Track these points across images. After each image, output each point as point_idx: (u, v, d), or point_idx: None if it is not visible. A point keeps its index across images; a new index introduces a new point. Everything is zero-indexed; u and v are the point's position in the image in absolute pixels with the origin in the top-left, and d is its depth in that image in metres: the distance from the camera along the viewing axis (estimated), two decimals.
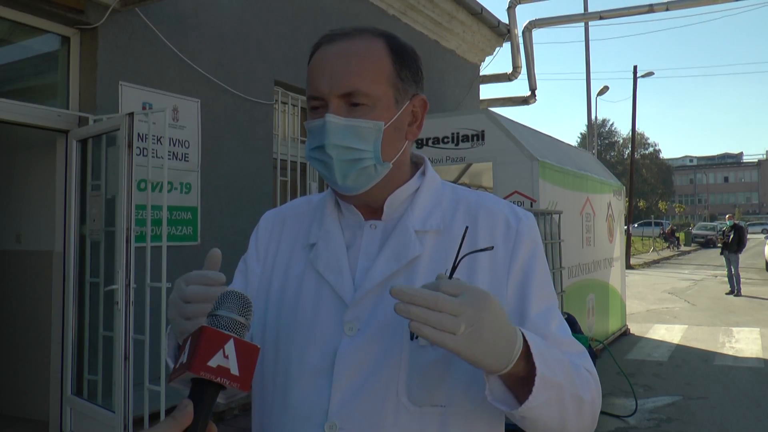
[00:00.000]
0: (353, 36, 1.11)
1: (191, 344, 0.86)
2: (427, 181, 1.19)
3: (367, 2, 7.52)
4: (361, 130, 1.08)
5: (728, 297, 14.44)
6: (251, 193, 5.89)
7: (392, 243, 1.12)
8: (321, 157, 1.10)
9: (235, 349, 0.86)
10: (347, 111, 1.08)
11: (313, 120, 1.10)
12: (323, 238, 1.17)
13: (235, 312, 0.90)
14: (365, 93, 1.07)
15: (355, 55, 1.09)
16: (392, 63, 1.11)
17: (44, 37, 4.77)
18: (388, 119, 1.10)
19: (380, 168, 1.11)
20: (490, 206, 1.17)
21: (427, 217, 1.14)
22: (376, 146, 1.09)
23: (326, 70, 1.09)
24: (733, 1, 9.61)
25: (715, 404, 6.12)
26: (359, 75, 1.08)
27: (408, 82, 1.13)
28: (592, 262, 8.15)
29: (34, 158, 5.30)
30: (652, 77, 28.36)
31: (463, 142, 6.72)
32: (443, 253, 1.11)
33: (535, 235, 1.15)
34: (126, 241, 4.03)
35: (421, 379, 1.04)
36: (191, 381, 0.86)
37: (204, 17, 5.52)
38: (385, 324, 1.06)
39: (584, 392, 1.02)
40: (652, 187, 67.80)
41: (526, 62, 10.72)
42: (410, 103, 1.14)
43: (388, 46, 1.12)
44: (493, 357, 0.90)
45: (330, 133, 1.07)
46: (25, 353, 5.23)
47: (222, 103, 5.68)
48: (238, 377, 0.85)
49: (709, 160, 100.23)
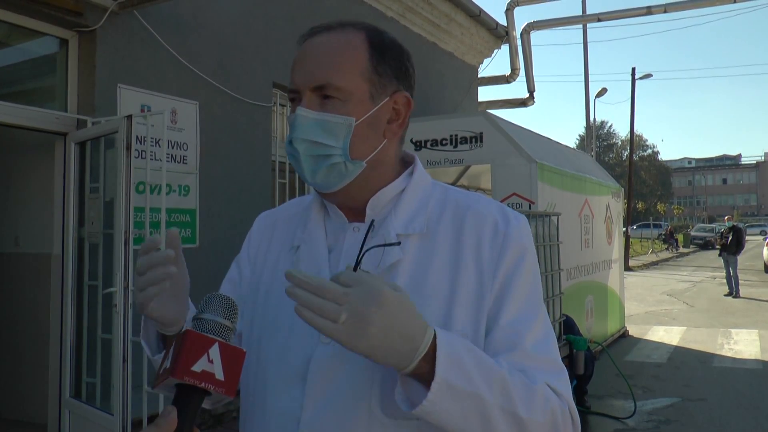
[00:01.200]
0: (334, 29, 1.09)
1: (175, 348, 0.83)
2: (414, 181, 1.14)
3: (365, 4, 7.54)
4: (329, 125, 1.04)
5: (727, 299, 14.45)
6: (250, 196, 5.88)
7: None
8: (292, 152, 1.08)
9: (220, 354, 0.83)
10: (319, 105, 1.05)
11: (291, 114, 1.08)
12: (306, 241, 1.14)
13: (220, 315, 0.87)
14: (336, 86, 1.04)
15: (331, 48, 1.06)
16: (369, 57, 1.07)
17: (42, 39, 4.77)
18: (360, 115, 1.06)
19: (351, 166, 1.07)
20: (479, 208, 1.11)
21: (411, 220, 1.09)
22: (345, 143, 1.05)
23: (303, 62, 1.07)
24: (731, 3, 9.62)
25: (713, 406, 6.12)
26: (331, 68, 1.05)
27: (387, 78, 1.09)
28: (591, 263, 8.16)
29: (32, 161, 5.30)
30: (650, 79, 28.44)
31: (461, 144, 6.73)
32: (427, 257, 1.07)
33: (524, 239, 1.09)
34: (124, 243, 4.03)
35: (395, 389, 0.99)
36: (175, 387, 0.83)
37: (202, 20, 5.52)
38: None
39: (525, 410, 0.93)
40: (651, 188, 67.89)
41: (524, 64, 10.73)
42: (390, 100, 1.09)
43: (368, 39, 1.08)
44: (385, 354, 0.86)
45: (299, 127, 1.05)
46: (24, 356, 5.23)
47: (220, 106, 5.68)
48: (223, 382, 0.82)
49: (707, 162, 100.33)
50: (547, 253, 5.78)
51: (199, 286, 4.44)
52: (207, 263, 5.29)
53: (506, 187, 6.40)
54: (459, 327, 1.02)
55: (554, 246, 5.97)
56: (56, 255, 4.84)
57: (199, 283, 5.21)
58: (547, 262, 5.76)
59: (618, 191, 10.01)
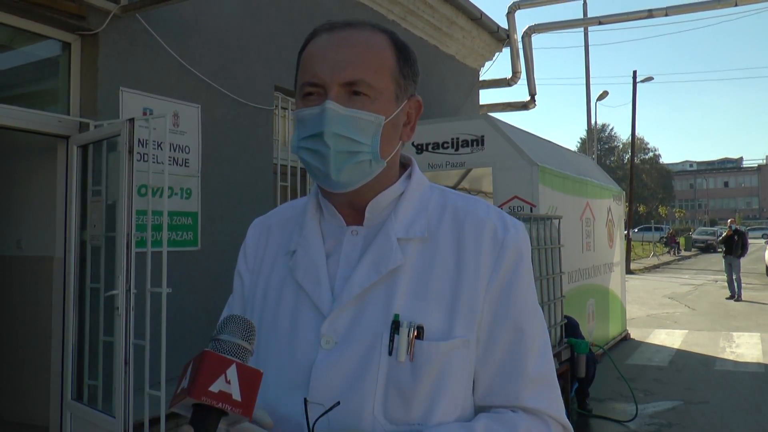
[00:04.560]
0: (356, 26, 1.08)
1: (193, 369, 0.84)
2: (413, 184, 1.13)
3: (367, 8, 7.55)
4: (361, 122, 1.02)
5: (729, 302, 14.44)
6: (251, 199, 5.89)
7: (373, 251, 1.06)
8: (316, 147, 1.03)
9: (237, 375, 0.83)
10: (347, 100, 1.02)
11: (307, 107, 1.04)
12: (303, 245, 1.11)
13: (238, 336, 0.87)
14: (369, 84, 1.02)
15: (360, 45, 1.04)
16: (396, 59, 1.07)
17: (45, 43, 4.78)
18: (387, 114, 1.05)
19: (375, 165, 1.05)
20: (479, 214, 1.10)
21: (411, 224, 1.08)
22: (375, 141, 1.04)
23: (328, 56, 1.03)
24: (732, 7, 9.63)
25: (715, 409, 6.11)
26: (365, 64, 1.03)
27: (408, 80, 1.10)
28: (592, 267, 8.15)
29: (34, 164, 5.31)
30: (651, 82, 28.43)
31: (462, 147, 6.73)
32: (428, 263, 1.06)
33: (521, 246, 1.09)
34: (126, 246, 4.03)
35: (397, 396, 1.00)
36: (192, 407, 0.83)
37: (204, 23, 5.53)
38: (362, 338, 1.02)
39: None
40: (652, 191, 67.82)
41: (525, 67, 10.74)
42: (407, 103, 1.10)
43: (392, 41, 1.09)
44: None
45: (330, 121, 1.00)
46: (26, 358, 5.23)
47: (222, 109, 5.69)
48: (240, 403, 0.83)
49: (709, 165, 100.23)
50: (548, 256, 5.78)
51: (200, 289, 4.50)
52: (208, 266, 5.30)
53: (507, 190, 6.41)
54: (459, 333, 1.03)
55: (555, 249, 5.97)
56: (58, 258, 4.85)
57: (201, 286, 5.25)
58: (548, 265, 5.76)
59: (619, 194, 10.01)
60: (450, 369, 1.02)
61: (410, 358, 1.00)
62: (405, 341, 1.00)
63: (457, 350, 1.02)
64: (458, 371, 1.03)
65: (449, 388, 1.02)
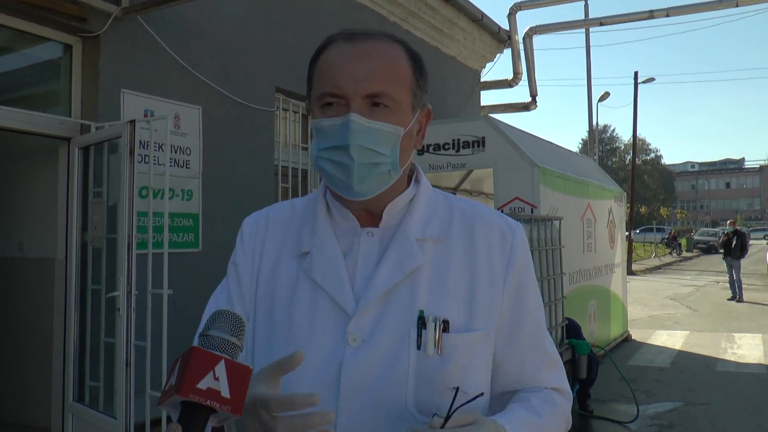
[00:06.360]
0: (376, 37, 1.10)
1: (180, 366, 0.82)
2: (422, 188, 1.18)
3: (368, 9, 7.56)
4: (384, 133, 1.05)
5: (730, 303, 14.42)
6: (253, 200, 5.89)
7: (393, 251, 1.09)
8: (340, 159, 1.05)
9: (226, 371, 0.81)
10: (369, 112, 1.04)
11: (330, 118, 1.05)
12: (317, 246, 1.12)
13: (227, 332, 0.86)
14: (391, 96, 1.05)
15: (381, 57, 1.07)
16: (413, 70, 1.10)
17: (46, 45, 4.80)
18: (406, 125, 1.08)
19: (393, 174, 1.09)
20: (486, 216, 1.18)
21: (426, 225, 1.13)
22: (394, 152, 1.07)
23: (350, 68, 1.04)
24: (734, 7, 9.63)
25: (717, 410, 6.10)
26: (386, 76, 1.05)
27: (422, 91, 1.13)
28: (593, 268, 8.15)
29: (36, 166, 5.32)
30: (653, 83, 28.41)
31: (463, 148, 6.73)
32: (444, 261, 1.11)
33: (526, 246, 1.19)
34: (127, 247, 4.04)
35: (429, 389, 1.04)
36: (180, 404, 0.82)
37: (205, 25, 5.54)
38: (390, 334, 1.05)
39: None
40: (654, 192, 67.74)
41: (526, 68, 10.74)
42: (421, 112, 1.14)
43: (407, 52, 1.11)
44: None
45: (354, 134, 1.03)
46: (27, 360, 5.24)
47: (223, 110, 5.70)
48: (229, 400, 0.81)
49: (710, 166, 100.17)
50: (549, 257, 5.78)
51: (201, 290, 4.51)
52: (209, 267, 5.30)
53: (508, 191, 6.40)
54: (479, 326, 1.10)
55: (556, 250, 5.97)
56: (60, 259, 4.86)
57: (201, 287, 5.28)
58: (549, 266, 5.75)
59: (620, 195, 10.00)
60: (474, 359, 1.09)
61: (438, 351, 1.05)
62: (432, 335, 1.05)
63: (478, 342, 1.09)
64: (480, 361, 1.11)
65: (473, 378, 1.08)
